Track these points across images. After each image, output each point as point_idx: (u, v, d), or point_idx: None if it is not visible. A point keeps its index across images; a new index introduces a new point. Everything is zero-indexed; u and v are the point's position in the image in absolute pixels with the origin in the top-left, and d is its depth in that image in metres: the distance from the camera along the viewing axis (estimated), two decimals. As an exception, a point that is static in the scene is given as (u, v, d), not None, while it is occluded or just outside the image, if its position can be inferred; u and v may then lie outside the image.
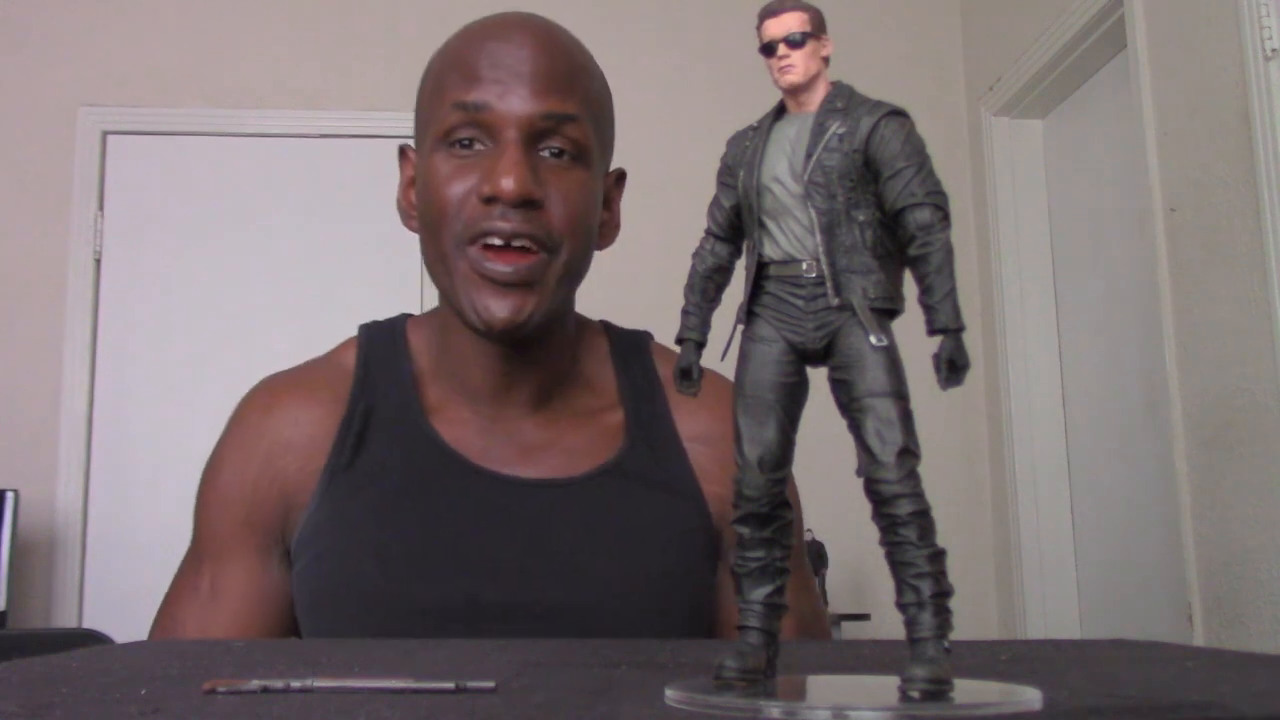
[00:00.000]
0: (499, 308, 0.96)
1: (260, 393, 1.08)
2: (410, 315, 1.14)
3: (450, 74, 1.00)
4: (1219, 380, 2.30)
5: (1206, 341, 2.35)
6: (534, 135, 0.97)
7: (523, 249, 0.96)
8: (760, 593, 0.44)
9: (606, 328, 1.15)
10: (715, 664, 0.43)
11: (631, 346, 1.13)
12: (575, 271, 1.01)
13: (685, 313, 0.48)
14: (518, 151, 0.95)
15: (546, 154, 0.98)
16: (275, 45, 3.55)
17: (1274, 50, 2.13)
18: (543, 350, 1.04)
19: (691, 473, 1.04)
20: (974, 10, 3.62)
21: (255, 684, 0.46)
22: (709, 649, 0.67)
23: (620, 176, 1.11)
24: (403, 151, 1.10)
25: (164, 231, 3.45)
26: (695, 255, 0.48)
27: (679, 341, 0.48)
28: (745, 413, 0.44)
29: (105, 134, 3.47)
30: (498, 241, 0.96)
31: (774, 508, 0.45)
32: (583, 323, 1.12)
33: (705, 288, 0.48)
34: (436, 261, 1.00)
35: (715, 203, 0.47)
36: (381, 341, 1.09)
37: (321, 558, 0.97)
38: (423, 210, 1.02)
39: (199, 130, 3.50)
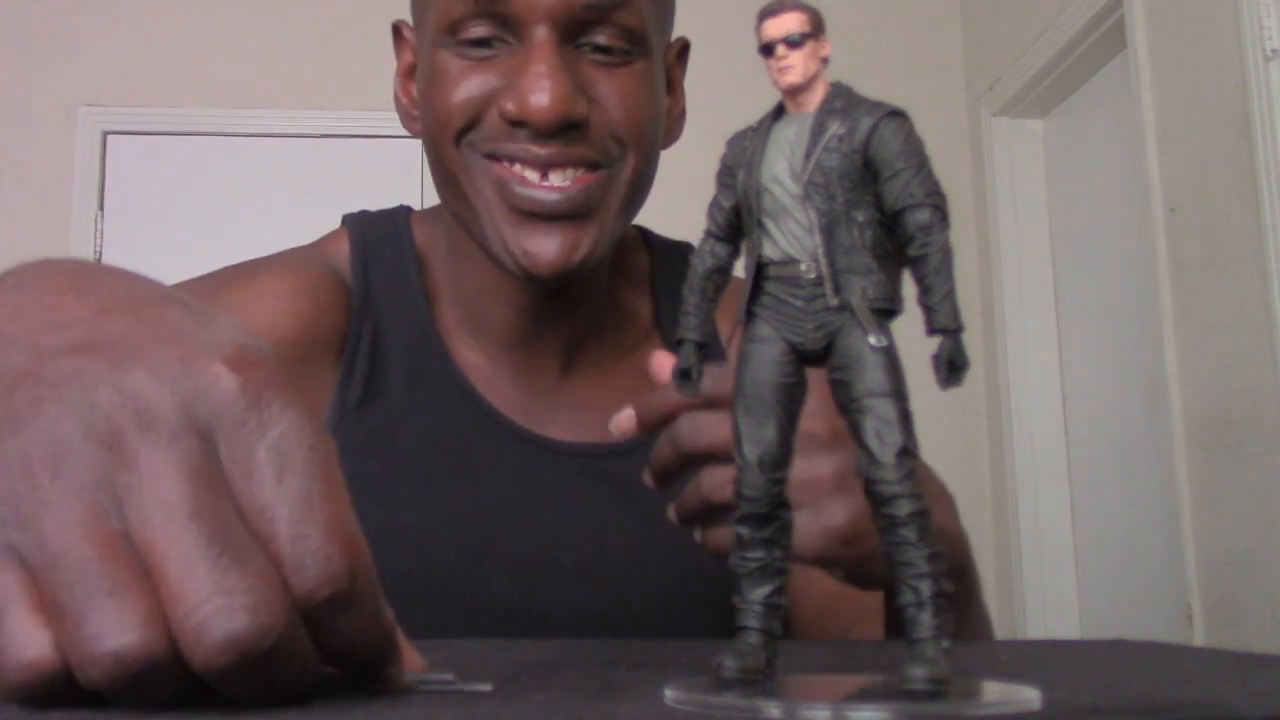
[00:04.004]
0: (545, 248, 0.72)
1: (252, 260, 0.83)
2: (412, 210, 0.88)
3: None
4: (1219, 380, 2.30)
5: (1206, 341, 2.34)
6: (573, 29, 0.72)
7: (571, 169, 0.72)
8: (760, 593, 0.44)
9: (645, 238, 0.93)
10: (715, 664, 0.43)
11: (678, 261, 0.90)
12: (641, 189, 0.78)
13: (684, 313, 0.48)
14: (552, 55, 0.70)
15: (591, 49, 0.73)
16: (275, 45, 3.55)
17: (1274, 50, 2.13)
18: (583, 290, 0.81)
19: None
20: (974, 10, 3.62)
21: (255, 684, 0.46)
22: (709, 649, 0.67)
23: (683, 49, 0.85)
24: (397, 31, 0.83)
25: (164, 231, 3.45)
26: (695, 255, 0.48)
27: (678, 342, 0.48)
28: (745, 413, 0.44)
29: (105, 134, 3.48)
30: (532, 174, 0.72)
31: (774, 508, 0.45)
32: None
33: (705, 288, 0.48)
34: (446, 184, 0.76)
35: (715, 203, 0.47)
36: (381, 244, 0.84)
37: None
38: (427, 117, 0.76)
39: (199, 130, 3.50)
